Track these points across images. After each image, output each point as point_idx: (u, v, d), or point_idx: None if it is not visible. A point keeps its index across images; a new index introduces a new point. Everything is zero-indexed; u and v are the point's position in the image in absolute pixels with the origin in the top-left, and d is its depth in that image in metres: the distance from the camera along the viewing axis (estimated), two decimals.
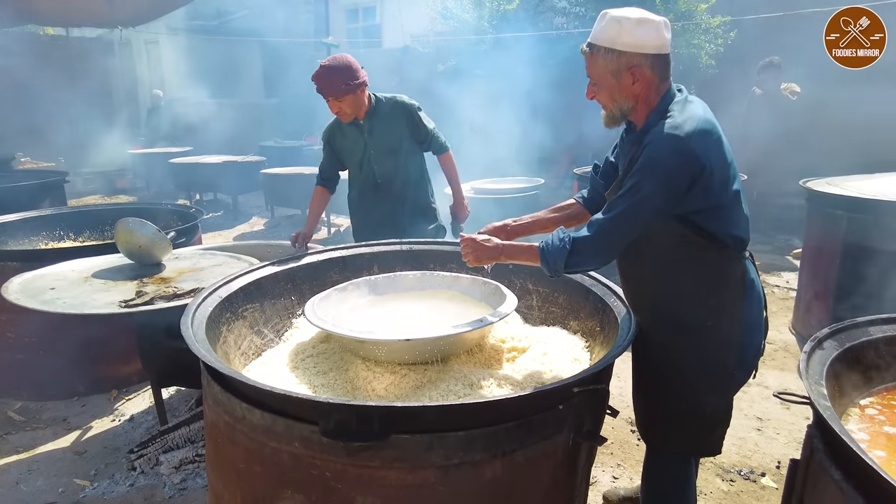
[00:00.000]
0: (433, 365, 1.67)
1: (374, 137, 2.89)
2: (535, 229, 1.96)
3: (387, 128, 2.89)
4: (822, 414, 1.04)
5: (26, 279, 2.61)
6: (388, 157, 2.92)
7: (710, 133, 1.53)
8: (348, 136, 2.94)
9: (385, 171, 2.93)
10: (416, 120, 2.93)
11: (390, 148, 2.91)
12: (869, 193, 3.58)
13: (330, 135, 3.01)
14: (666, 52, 1.58)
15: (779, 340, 4.08)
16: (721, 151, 1.56)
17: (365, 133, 2.89)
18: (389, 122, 2.89)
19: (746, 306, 1.62)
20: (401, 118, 2.90)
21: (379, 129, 2.88)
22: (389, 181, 2.94)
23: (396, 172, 2.94)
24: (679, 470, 1.81)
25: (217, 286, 1.91)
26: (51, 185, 5.48)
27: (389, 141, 2.90)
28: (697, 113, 1.54)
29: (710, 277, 1.59)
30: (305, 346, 1.87)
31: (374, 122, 2.87)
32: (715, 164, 1.51)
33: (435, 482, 1.24)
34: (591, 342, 1.88)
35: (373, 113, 2.87)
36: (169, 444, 2.61)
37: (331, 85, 2.71)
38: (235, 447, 1.39)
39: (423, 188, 3.07)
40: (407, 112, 2.92)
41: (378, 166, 2.92)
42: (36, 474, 2.61)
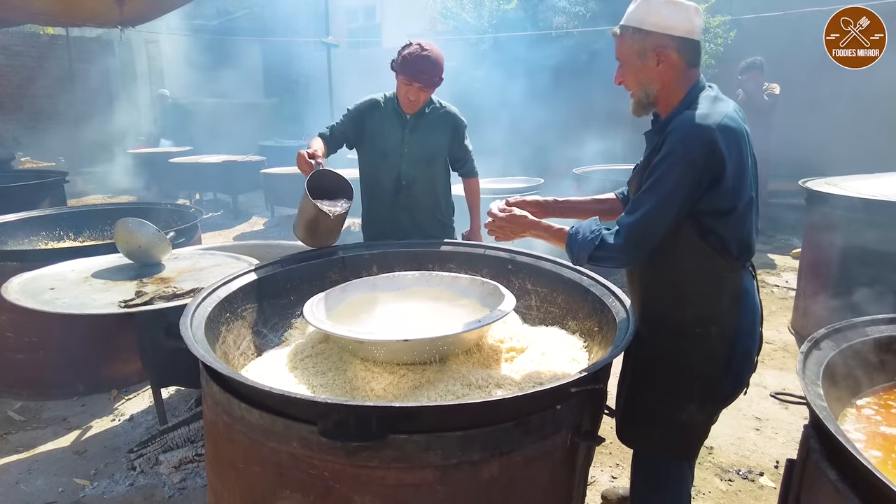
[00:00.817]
0: (432, 365, 1.67)
1: (415, 137, 2.73)
2: (574, 214, 1.96)
3: (430, 133, 2.74)
4: (819, 414, 1.05)
5: (26, 279, 2.62)
6: (421, 161, 2.77)
7: (737, 131, 1.49)
8: (387, 122, 2.73)
9: (413, 173, 2.77)
10: (461, 137, 2.82)
11: (426, 154, 2.77)
12: (868, 193, 3.58)
13: (367, 110, 2.75)
14: (695, 38, 1.55)
15: (778, 340, 4.09)
16: (743, 153, 1.52)
17: (406, 129, 2.71)
18: (434, 129, 2.75)
19: (739, 318, 1.58)
20: (447, 129, 2.77)
21: (422, 132, 2.73)
22: (413, 184, 2.78)
23: (423, 178, 2.79)
24: (661, 471, 1.76)
25: (216, 286, 1.91)
26: (50, 184, 5.49)
27: (428, 146, 2.76)
28: (727, 109, 1.51)
29: (706, 285, 1.56)
30: (304, 346, 1.88)
31: (419, 122, 2.72)
32: (736, 164, 1.48)
33: (433, 482, 1.24)
34: (590, 342, 1.88)
35: (421, 114, 2.71)
36: (169, 444, 2.62)
37: (430, 72, 2.54)
38: (234, 447, 1.40)
39: (443, 203, 2.93)
40: (455, 125, 2.79)
41: (407, 166, 2.75)
42: (36, 474, 2.61)
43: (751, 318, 1.61)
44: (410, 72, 2.53)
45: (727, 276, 1.56)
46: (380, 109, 2.74)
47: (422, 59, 2.52)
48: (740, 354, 1.61)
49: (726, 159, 1.45)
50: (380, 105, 2.75)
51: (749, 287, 1.62)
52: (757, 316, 1.64)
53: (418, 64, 2.52)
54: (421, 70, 2.53)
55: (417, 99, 2.62)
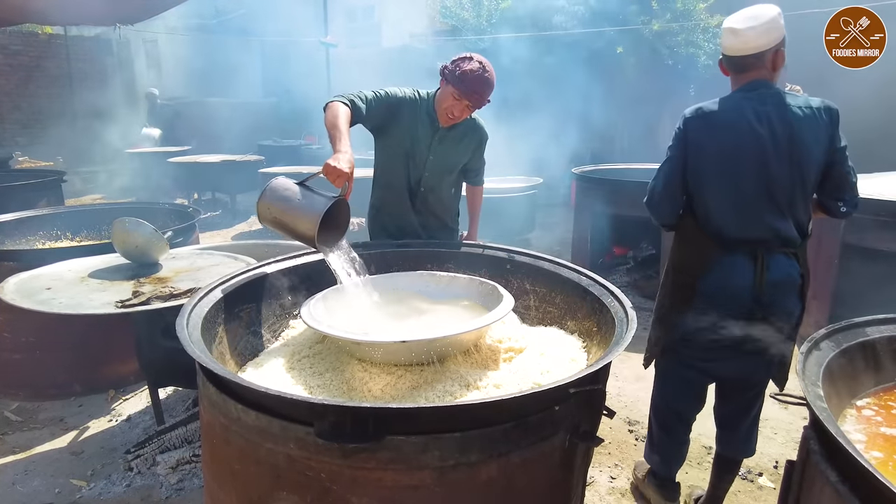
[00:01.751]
0: (430, 366, 1.66)
1: (443, 147, 2.65)
2: None
3: (457, 145, 2.68)
4: (819, 415, 1.04)
5: (22, 279, 2.61)
6: (444, 171, 2.71)
7: (708, 121, 1.93)
8: (419, 124, 2.60)
9: (433, 182, 2.70)
10: (482, 150, 2.80)
11: (450, 165, 2.72)
12: (867, 193, 3.57)
13: (404, 103, 2.60)
14: (729, 55, 1.98)
15: None
16: (714, 141, 1.91)
17: (435, 139, 2.61)
18: (462, 141, 2.68)
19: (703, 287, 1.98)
20: (472, 142, 2.72)
21: (450, 143, 2.66)
22: (431, 191, 2.72)
23: (440, 188, 2.75)
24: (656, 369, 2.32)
25: (213, 286, 1.90)
26: (48, 184, 5.48)
27: (453, 158, 2.71)
28: (715, 102, 1.95)
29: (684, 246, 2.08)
30: (302, 346, 1.87)
31: (450, 133, 2.63)
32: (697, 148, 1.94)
33: (431, 484, 1.23)
34: (589, 342, 1.87)
35: (454, 126, 2.62)
36: (166, 445, 2.61)
37: (484, 94, 2.45)
38: (231, 448, 1.39)
39: (454, 210, 2.91)
40: (479, 139, 2.75)
41: (429, 174, 2.68)
42: (32, 475, 2.60)
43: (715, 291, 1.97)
44: (467, 89, 2.40)
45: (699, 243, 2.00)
46: (416, 108, 2.61)
47: (482, 81, 2.41)
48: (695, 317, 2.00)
49: (687, 143, 1.93)
50: (417, 104, 2.62)
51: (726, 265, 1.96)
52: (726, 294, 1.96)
53: (478, 84, 2.40)
54: (477, 91, 2.41)
55: (461, 116, 2.52)
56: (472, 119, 2.69)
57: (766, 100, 1.90)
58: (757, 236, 1.92)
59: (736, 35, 1.92)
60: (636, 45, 7.66)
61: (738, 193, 1.91)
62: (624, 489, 2.52)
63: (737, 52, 1.94)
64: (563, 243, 6.46)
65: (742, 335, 1.96)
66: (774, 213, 1.90)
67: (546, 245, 6.61)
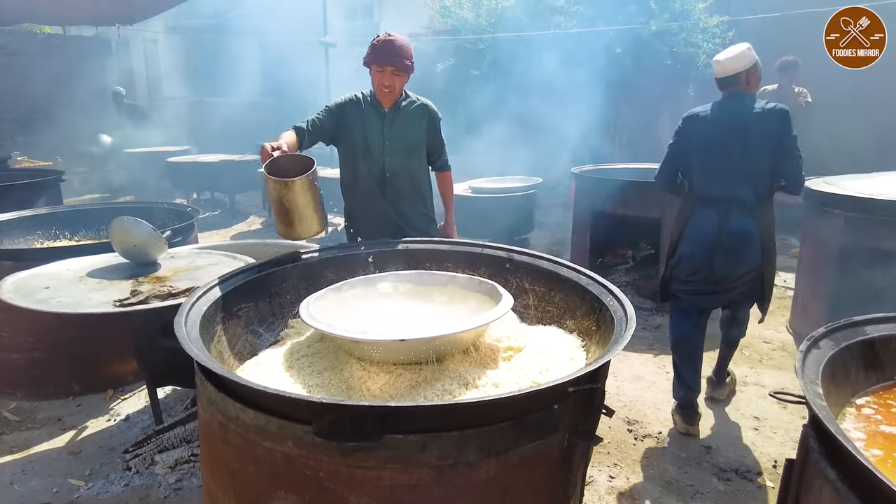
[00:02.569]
0: (429, 364, 1.66)
1: (395, 130, 2.81)
2: None
3: (408, 126, 2.83)
4: (818, 413, 1.04)
5: (20, 278, 2.60)
6: (403, 154, 2.85)
7: (693, 119, 2.87)
8: (367, 118, 2.80)
9: (396, 166, 2.85)
10: (437, 129, 2.91)
11: (407, 146, 2.85)
12: (866, 192, 3.58)
13: (347, 105, 2.81)
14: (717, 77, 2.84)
15: (776, 340, 4.08)
16: (694, 132, 2.86)
17: (385, 124, 2.80)
18: (412, 121, 2.83)
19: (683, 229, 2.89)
20: (423, 120, 2.85)
21: (401, 124, 2.81)
22: (397, 176, 2.86)
23: (406, 170, 2.87)
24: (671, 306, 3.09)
25: (212, 285, 1.90)
26: (47, 183, 5.47)
27: (408, 138, 2.84)
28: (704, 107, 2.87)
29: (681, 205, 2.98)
30: (300, 345, 1.87)
31: (397, 115, 2.80)
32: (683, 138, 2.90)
33: (429, 482, 1.23)
34: (588, 341, 1.87)
35: (398, 106, 2.80)
36: (164, 444, 2.60)
37: (400, 55, 2.63)
38: (229, 447, 1.38)
39: (427, 196, 3.00)
40: (431, 118, 2.87)
41: (390, 160, 2.83)
42: (31, 474, 2.60)
43: (691, 234, 2.85)
44: (382, 56, 2.63)
45: (685, 205, 2.93)
46: (359, 105, 2.82)
47: (390, 44, 2.62)
48: (679, 254, 2.91)
49: (681, 134, 2.91)
50: (359, 101, 2.83)
51: (699, 215, 2.82)
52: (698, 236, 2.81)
53: (388, 48, 2.62)
54: (391, 53, 2.62)
55: (392, 84, 2.68)
56: (418, 99, 2.87)
57: (734, 105, 2.77)
58: (721, 196, 2.76)
59: (718, 63, 2.80)
60: (635, 46, 7.65)
61: (709, 166, 2.79)
62: (623, 489, 2.52)
63: (720, 74, 2.81)
64: (562, 243, 6.46)
65: (709, 271, 2.79)
66: (733, 181, 2.73)
67: (545, 245, 6.61)
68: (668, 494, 2.48)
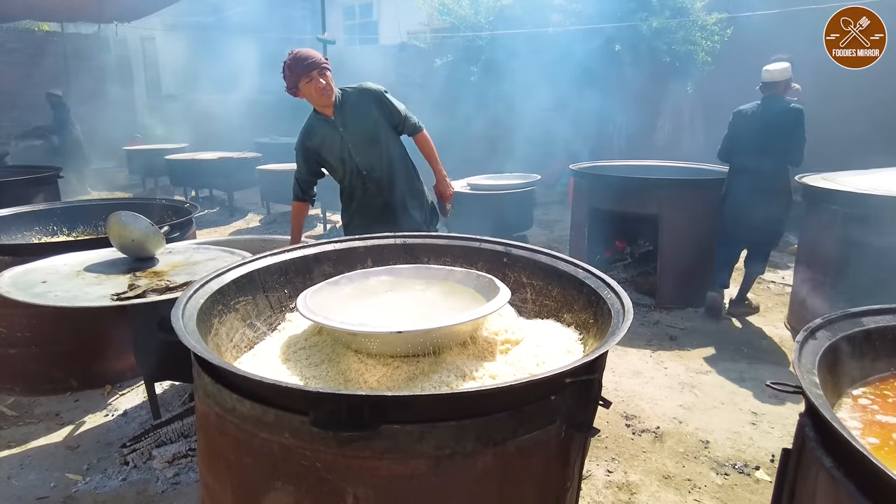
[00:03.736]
0: (426, 357, 1.66)
1: (349, 130, 2.84)
2: None
3: (359, 117, 2.84)
4: (814, 402, 1.04)
5: (18, 272, 2.59)
6: (368, 146, 2.87)
7: (741, 112, 4.17)
8: (323, 135, 2.88)
9: (368, 161, 2.88)
10: (387, 103, 2.89)
11: (368, 137, 2.86)
12: (864, 189, 3.58)
13: (303, 139, 2.93)
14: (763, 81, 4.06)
15: (774, 336, 4.09)
16: (740, 123, 4.15)
17: (339, 127, 2.84)
18: (360, 111, 2.84)
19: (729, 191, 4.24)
20: (370, 104, 2.86)
21: (352, 120, 2.84)
22: (373, 170, 2.89)
23: (380, 160, 2.90)
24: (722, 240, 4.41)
25: (209, 278, 1.89)
26: (44, 180, 5.46)
27: (365, 130, 2.85)
28: (749, 104, 4.13)
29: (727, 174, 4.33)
30: (297, 338, 1.86)
31: (344, 114, 2.83)
32: (735, 126, 4.19)
33: (426, 473, 1.23)
34: (585, 334, 1.87)
35: (341, 106, 2.83)
36: (162, 439, 2.60)
37: (312, 57, 2.69)
38: (226, 439, 1.38)
39: (409, 172, 3.03)
40: (375, 97, 2.87)
41: (360, 158, 2.87)
42: (28, 469, 2.59)
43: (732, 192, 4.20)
44: (301, 68, 2.68)
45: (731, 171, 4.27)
46: (312, 129, 2.90)
47: (300, 57, 2.68)
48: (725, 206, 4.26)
49: (731, 124, 4.23)
50: (310, 126, 2.91)
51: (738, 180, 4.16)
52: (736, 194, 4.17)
53: (300, 61, 2.68)
54: (305, 60, 2.67)
55: (326, 85, 2.73)
56: (357, 87, 2.90)
57: (772, 104, 4.01)
58: (751, 166, 4.02)
59: (767, 72, 4.00)
60: (634, 43, 7.65)
61: (744, 145, 4.07)
62: (621, 483, 2.52)
63: (766, 80, 4.01)
64: (561, 241, 6.46)
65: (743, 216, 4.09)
66: (759, 155, 3.98)
67: (543, 242, 6.61)
68: (665, 488, 2.49)
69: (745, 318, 4.41)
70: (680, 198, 4.49)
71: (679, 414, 3.06)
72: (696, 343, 3.97)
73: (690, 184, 4.78)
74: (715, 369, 3.57)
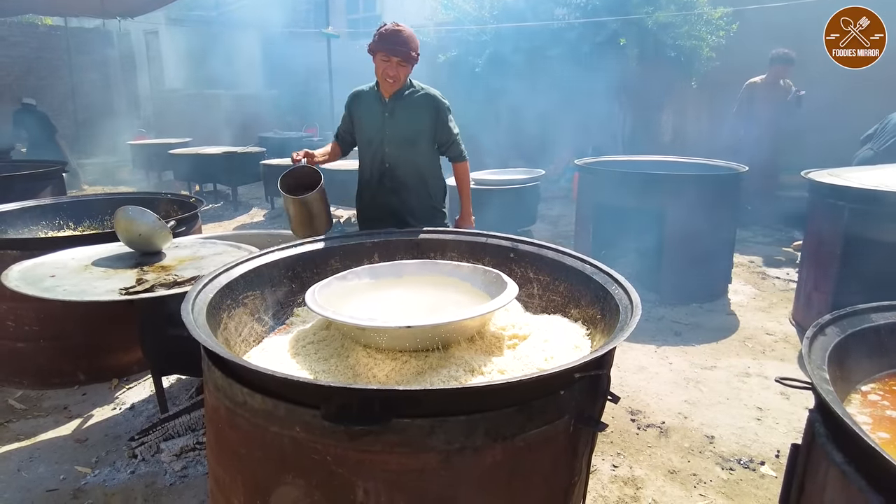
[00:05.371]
0: (434, 352, 1.67)
1: (394, 119, 2.77)
2: None
3: (409, 116, 2.78)
4: (825, 397, 1.04)
5: (26, 266, 2.61)
6: (404, 144, 2.81)
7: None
8: (368, 107, 2.83)
9: (396, 157, 2.82)
10: (443, 118, 2.83)
11: (407, 137, 2.80)
12: (871, 184, 3.56)
13: (352, 101, 2.90)
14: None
15: (779, 331, 4.09)
16: None
17: (385, 112, 2.77)
18: (414, 111, 2.78)
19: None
20: (427, 111, 2.79)
21: (401, 114, 2.78)
22: (398, 168, 2.83)
23: (407, 163, 2.83)
24: None
25: (217, 273, 1.90)
26: (50, 174, 5.47)
27: (408, 128, 2.79)
28: None
29: None
30: (306, 333, 1.87)
31: (397, 104, 2.77)
32: None
33: (436, 467, 1.24)
34: (593, 330, 1.87)
35: (400, 96, 2.76)
36: (170, 433, 2.62)
37: (406, 45, 2.62)
38: (236, 432, 1.39)
39: (431, 186, 2.93)
40: (436, 107, 2.80)
41: (389, 149, 2.81)
42: (37, 461, 2.61)
43: None
44: (388, 45, 2.61)
45: None
46: (362, 98, 2.86)
47: (397, 34, 2.61)
48: None
49: None
50: (362, 94, 2.87)
51: None
52: None
53: (395, 37, 2.61)
54: (398, 43, 2.61)
55: (397, 75, 2.67)
56: (423, 88, 2.84)
57: None
58: None
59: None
60: (639, 37, 7.61)
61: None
62: (626, 477, 2.53)
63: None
64: (565, 236, 6.45)
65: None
66: None
67: (548, 237, 6.60)
68: (671, 483, 2.49)
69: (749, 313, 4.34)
70: (685, 193, 4.48)
71: (684, 409, 3.07)
72: (701, 338, 3.97)
73: (695, 179, 4.76)
74: (719, 365, 3.57)
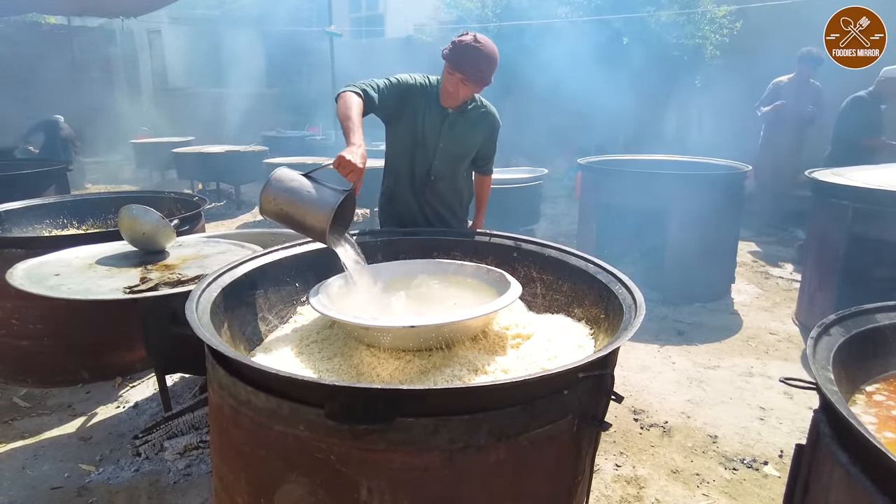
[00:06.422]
0: (438, 351, 1.67)
1: (453, 134, 2.58)
2: None
3: (467, 133, 2.62)
4: (830, 398, 1.04)
5: (31, 265, 2.61)
6: (454, 158, 2.66)
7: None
8: (428, 109, 2.54)
9: (443, 169, 2.65)
10: (494, 137, 2.73)
11: (460, 152, 2.66)
12: (874, 184, 3.56)
13: (414, 90, 2.52)
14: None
15: (782, 331, 4.08)
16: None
17: (445, 125, 2.55)
18: (472, 128, 2.62)
19: None
20: (484, 129, 2.65)
21: (461, 129, 2.59)
22: (441, 179, 2.67)
23: (451, 177, 2.70)
24: None
25: (221, 272, 1.90)
26: (53, 173, 5.49)
27: (463, 146, 2.65)
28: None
29: None
30: (310, 332, 1.87)
31: (460, 118, 2.57)
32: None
33: (440, 466, 1.24)
34: (596, 329, 1.87)
35: (463, 110, 2.56)
36: (173, 431, 2.62)
37: (476, 66, 2.34)
38: (240, 431, 1.39)
39: (465, 199, 2.85)
40: (491, 126, 2.68)
41: (439, 162, 2.61)
42: (42, 459, 2.62)
43: None
44: (456, 59, 2.34)
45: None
46: (425, 94, 2.53)
47: (471, 50, 2.33)
48: None
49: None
50: (426, 90, 2.54)
51: None
52: None
53: (466, 53, 2.33)
54: (467, 60, 2.33)
55: (456, 92, 2.42)
56: (485, 105, 2.64)
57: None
58: None
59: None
60: (642, 36, 7.60)
61: None
62: (629, 477, 2.53)
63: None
64: (568, 235, 6.45)
65: None
66: None
67: (550, 236, 6.59)
68: (673, 483, 2.49)
69: (752, 313, 4.32)
70: (688, 192, 4.47)
71: (687, 409, 3.07)
72: (704, 338, 3.96)
73: (698, 178, 4.76)
74: (722, 364, 3.57)
